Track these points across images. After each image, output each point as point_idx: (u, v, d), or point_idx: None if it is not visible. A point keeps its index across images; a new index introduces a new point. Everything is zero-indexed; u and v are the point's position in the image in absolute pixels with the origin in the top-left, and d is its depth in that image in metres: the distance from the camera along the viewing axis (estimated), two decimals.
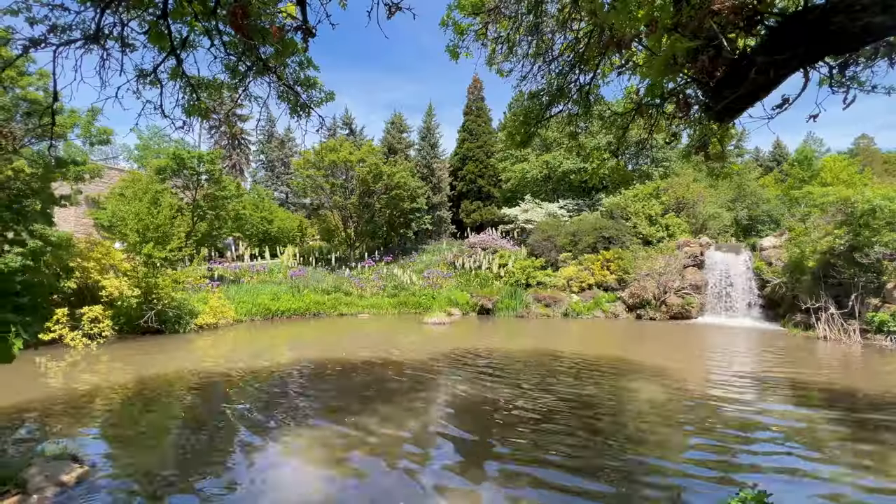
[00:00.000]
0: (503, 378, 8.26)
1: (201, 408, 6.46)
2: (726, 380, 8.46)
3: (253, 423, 5.85)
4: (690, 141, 4.99)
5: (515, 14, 5.64)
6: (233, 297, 16.16)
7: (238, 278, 19.25)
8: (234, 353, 10.57)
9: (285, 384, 7.74)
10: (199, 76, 5.15)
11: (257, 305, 16.13)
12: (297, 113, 5.69)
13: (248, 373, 8.44)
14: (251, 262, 22.44)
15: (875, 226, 13.00)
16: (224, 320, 14.08)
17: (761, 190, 27.46)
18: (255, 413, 6.24)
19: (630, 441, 5.30)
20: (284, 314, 16.56)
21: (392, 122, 40.86)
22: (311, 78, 5.54)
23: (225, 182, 18.72)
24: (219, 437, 5.31)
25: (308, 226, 36.93)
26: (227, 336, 12.78)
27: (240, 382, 7.80)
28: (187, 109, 5.13)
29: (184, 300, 13.29)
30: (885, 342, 12.14)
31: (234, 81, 5.08)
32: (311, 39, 3.61)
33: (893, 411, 6.60)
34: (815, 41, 2.06)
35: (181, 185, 19.07)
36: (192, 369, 8.67)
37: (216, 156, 18.35)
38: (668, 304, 18.15)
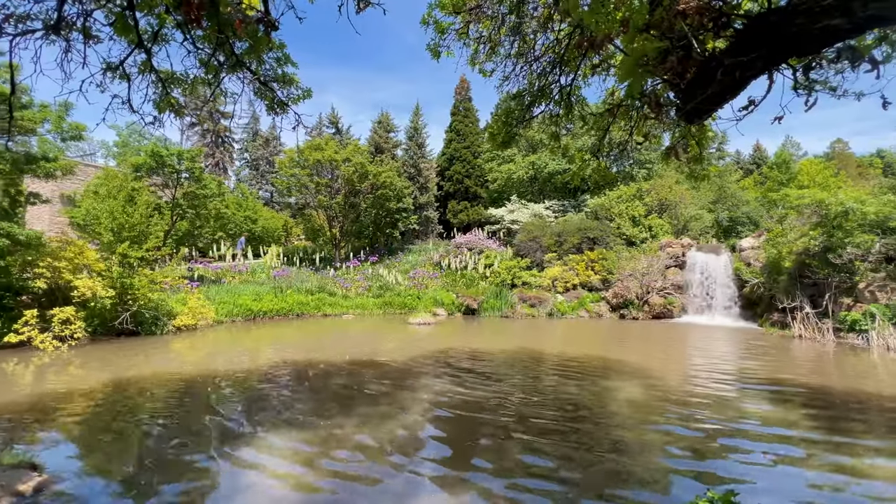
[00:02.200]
0: (486, 379, 8.25)
1: (175, 412, 6.29)
2: (705, 379, 8.60)
3: (227, 427, 5.72)
4: (672, 142, 5.05)
5: (497, 14, 5.63)
6: (213, 297, 15.84)
7: (219, 278, 18.89)
8: (213, 355, 10.35)
9: (263, 386, 7.60)
10: (172, 71, 5.02)
11: (238, 306, 15.84)
12: (274, 110, 5.59)
13: (227, 375, 8.26)
14: (233, 263, 22.05)
15: (848, 227, 13.39)
16: (203, 321, 13.79)
17: (741, 192, 28.09)
18: (230, 417, 6.10)
19: (611, 441, 5.33)
20: (267, 315, 16.30)
21: (379, 122, 40.66)
22: (289, 74, 5.45)
23: (206, 180, 18.34)
24: (192, 443, 5.17)
25: (293, 225, 36.51)
26: (207, 337, 12.52)
27: (217, 385, 7.63)
28: (158, 105, 4.99)
29: (161, 301, 12.98)
30: (856, 341, 12.51)
31: (207, 77, 4.96)
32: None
33: (864, 409, 6.78)
34: (777, 43, 2.08)
35: (160, 183, 18.62)
36: (167, 372, 8.46)
37: (197, 153, 17.97)
38: (650, 303, 18.41)
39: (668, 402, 6.95)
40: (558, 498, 4.01)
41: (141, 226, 12.20)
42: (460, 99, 37.69)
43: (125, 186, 13.46)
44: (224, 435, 5.41)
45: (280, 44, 5.18)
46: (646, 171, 29.14)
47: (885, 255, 13.40)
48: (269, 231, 30.67)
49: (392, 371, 8.72)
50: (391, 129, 41.11)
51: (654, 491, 4.16)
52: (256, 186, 46.25)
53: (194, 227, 20.45)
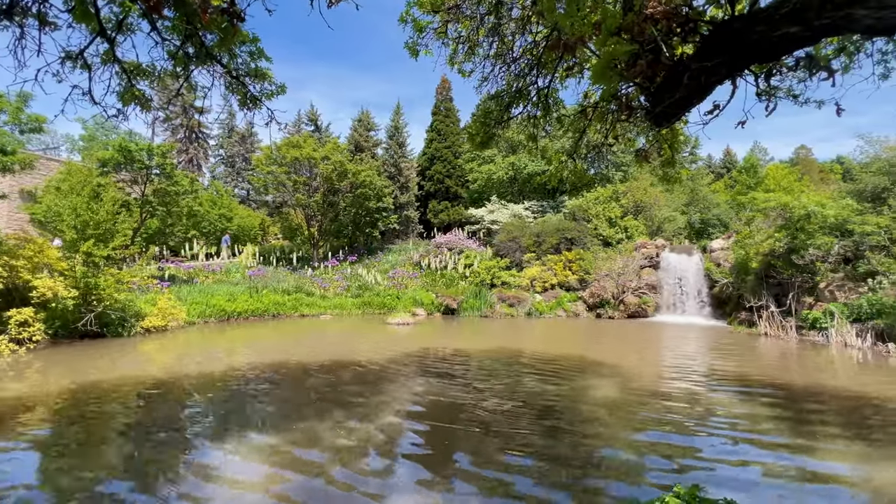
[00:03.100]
0: (464, 379, 8.26)
1: (143, 417, 6.06)
2: (677, 377, 8.84)
3: (198, 432, 5.54)
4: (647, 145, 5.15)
5: (476, 14, 5.64)
6: (185, 297, 15.36)
7: (191, 278, 18.33)
8: (184, 357, 10.02)
9: (236, 389, 7.40)
10: (138, 62, 4.83)
11: (212, 307, 15.40)
12: (246, 105, 5.46)
13: (198, 378, 8.01)
14: (206, 262, 21.43)
15: (809, 230, 14.01)
16: (174, 323, 13.34)
17: (712, 195, 29.06)
18: (201, 421, 5.92)
19: (587, 437, 5.41)
20: (241, 315, 15.90)
21: (359, 120, 40.26)
22: (262, 69, 5.32)
23: (178, 177, 17.76)
24: (157, 450, 4.99)
25: (270, 224, 35.78)
26: (177, 339, 12.11)
27: (188, 388, 7.39)
28: (122, 97, 4.79)
29: (129, 301, 12.50)
30: (817, 338, 13.10)
31: (176, 70, 4.80)
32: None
33: (823, 401, 7.10)
34: (740, 49, 2.14)
35: (129, 179, 17.93)
36: (134, 375, 8.14)
37: (168, 149, 17.38)
38: (626, 303, 18.83)
39: (642, 400, 7.11)
40: (533, 495, 4.04)
41: (107, 223, 11.69)
42: (441, 99, 37.70)
43: (90, 182, 12.88)
44: (194, 440, 5.24)
45: (253, 37, 5.06)
46: (622, 173, 29.80)
47: (844, 257, 14.08)
48: (245, 230, 29.96)
49: (369, 372, 8.63)
50: (372, 127, 40.76)
51: (629, 486, 4.24)
52: (232, 184, 45.09)
53: (165, 226, 19.77)
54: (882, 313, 12.07)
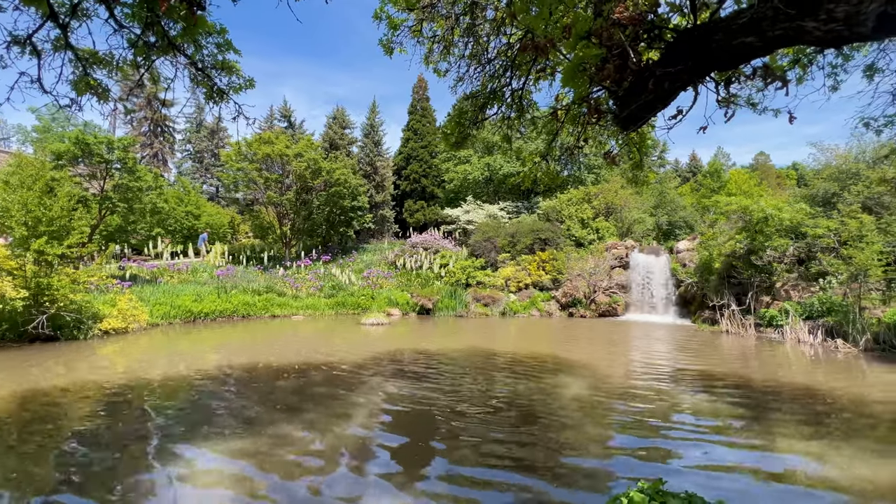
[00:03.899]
0: (438, 379, 8.25)
1: (100, 424, 5.74)
2: (645, 374, 9.12)
3: (161, 439, 5.30)
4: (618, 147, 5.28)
5: (451, 14, 5.63)
6: (147, 298, 14.71)
7: (155, 278, 17.56)
8: (146, 360, 9.58)
9: (202, 393, 7.13)
10: (94, 49, 4.59)
11: (177, 307, 14.81)
12: (213, 98, 5.27)
13: (161, 382, 7.67)
14: (172, 261, 20.59)
15: (767, 232, 14.75)
16: (136, 325, 12.75)
17: (679, 198, 30.17)
18: (164, 427, 5.67)
19: (558, 437, 5.50)
20: (209, 317, 15.37)
21: (334, 118, 39.66)
22: (230, 62, 5.16)
23: (140, 172, 16.96)
24: (114, 459, 4.74)
25: (240, 222, 34.73)
26: (139, 342, 11.58)
27: (148, 393, 7.06)
28: (76, 86, 4.54)
29: (85, 302, 11.86)
30: (773, 335, 13.81)
31: (136, 59, 4.58)
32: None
33: (778, 395, 7.48)
34: (701, 57, 2.22)
35: (87, 173, 17.00)
36: (91, 380, 7.71)
37: (130, 142, 16.57)
38: (597, 302, 19.30)
39: (612, 398, 7.30)
40: (504, 495, 4.07)
41: (61, 220, 11.02)
42: (418, 98, 37.59)
43: (43, 175, 12.12)
44: (155, 447, 5.01)
45: (221, 28, 4.89)
46: (594, 175, 30.53)
47: (798, 258, 14.90)
48: (214, 228, 28.97)
49: (341, 373, 8.50)
50: (347, 125, 40.22)
51: (598, 483, 4.34)
52: (200, 180, 43.54)
53: (127, 223, 18.85)
54: (831, 311, 12.84)
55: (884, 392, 7.78)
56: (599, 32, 2.92)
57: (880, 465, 4.75)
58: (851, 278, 12.40)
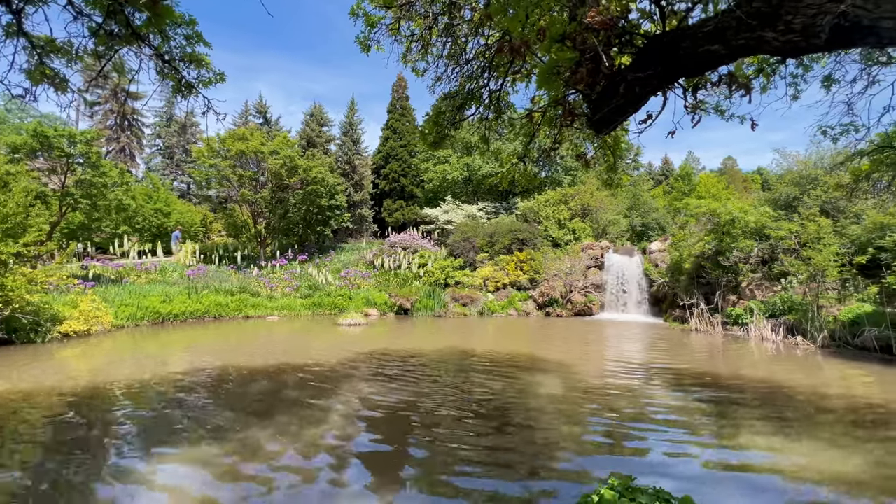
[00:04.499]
0: (416, 380, 8.21)
1: (55, 431, 5.45)
2: (618, 371, 9.34)
3: (120, 446, 5.08)
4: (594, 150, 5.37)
5: (429, 13, 5.61)
6: (112, 299, 14.09)
7: (121, 278, 16.84)
8: (109, 364, 9.17)
9: (167, 399, 6.87)
10: (51, 37, 4.37)
11: (144, 308, 14.24)
12: (181, 92, 5.09)
13: (124, 386, 7.35)
14: (139, 260, 19.79)
15: (734, 234, 15.35)
16: (99, 327, 12.19)
17: (652, 200, 31.04)
18: (127, 435, 5.43)
19: (535, 435, 5.55)
20: (178, 318, 14.84)
21: (312, 115, 39.01)
22: (199, 55, 4.99)
23: (105, 167, 16.23)
24: (72, 469, 4.51)
25: (213, 220, 33.73)
26: (103, 345, 11.07)
27: (111, 398, 6.76)
28: (31, 75, 4.30)
29: (44, 304, 11.26)
30: (739, 332, 14.38)
31: (98, 49, 4.38)
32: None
33: (743, 391, 7.78)
34: (669, 63, 2.28)
35: (46, 168, 16.15)
36: (47, 386, 7.32)
37: (93, 136, 15.83)
38: (573, 301, 19.64)
39: (586, 395, 7.43)
40: (480, 494, 4.08)
41: (17, 216, 10.43)
42: (397, 97, 37.36)
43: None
44: (113, 460, 4.79)
45: (190, 19, 4.73)
46: (571, 177, 31.07)
47: (761, 258, 15.55)
48: (186, 226, 28.02)
49: (317, 375, 8.35)
50: (325, 122, 39.62)
51: (574, 482, 4.40)
52: (170, 176, 42.03)
53: (90, 220, 18.01)
54: (792, 310, 13.46)
55: (839, 387, 8.21)
56: (573, 36, 2.96)
57: (837, 456, 5.01)
58: (810, 278, 13.03)
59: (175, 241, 24.01)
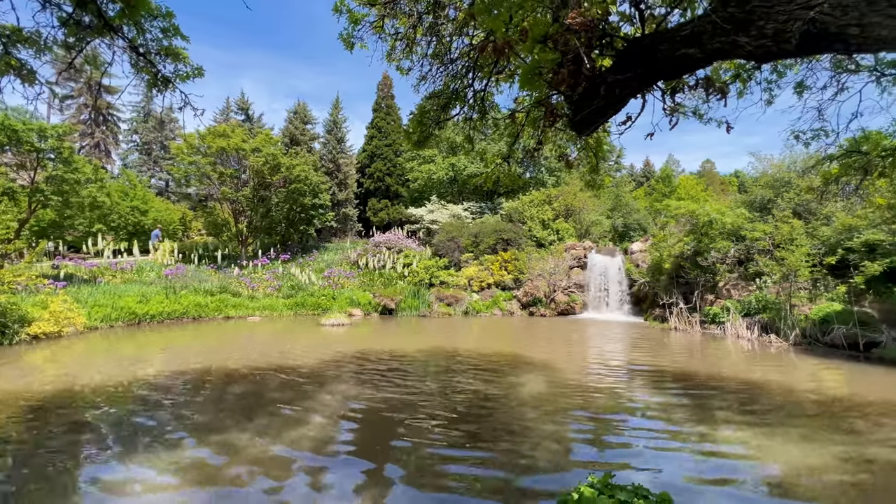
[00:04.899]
0: (400, 381, 8.17)
1: (24, 436, 5.24)
2: (600, 370, 9.47)
3: (93, 451, 4.91)
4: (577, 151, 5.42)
5: (413, 11, 5.58)
6: (85, 300, 13.63)
7: (94, 277, 16.30)
8: (80, 366, 8.86)
9: (143, 402, 6.68)
10: (18, 26, 4.21)
11: (119, 309, 13.81)
12: (156, 86, 4.96)
13: (97, 390, 7.11)
14: (114, 259, 19.19)
15: (712, 235, 15.73)
16: (71, 328, 11.78)
17: (633, 201, 31.58)
18: (100, 440, 5.25)
19: (518, 436, 5.58)
20: (155, 319, 14.44)
21: (295, 112, 38.46)
22: (176, 48, 4.87)
23: (78, 163, 15.68)
24: (42, 475, 4.34)
25: (192, 218, 32.96)
26: (75, 347, 10.69)
27: (83, 402, 6.53)
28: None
29: (11, 304, 10.82)
30: (716, 331, 14.76)
31: (68, 39, 4.23)
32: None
33: (719, 387, 7.99)
34: (648, 65, 2.32)
35: (14, 163, 15.51)
36: (14, 390, 7.03)
37: (66, 130, 15.27)
38: (556, 301, 19.84)
39: (569, 393, 7.51)
40: (463, 493, 4.09)
41: None
42: (383, 96, 37.14)
43: None
44: (89, 460, 4.63)
45: (167, 12, 4.61)
46: (555, 178, 31.39)
47: (738, 259, 15.99)
48: (164, 224, 27.30)
49: (298, 376, 8.23)
50: (309, 120, 39.11)
51: (556, 481, 4.44)
52: (148, 173, 40.88)
53: (62, 218, 17.37)
54: (766, 308, 13.88)
55: (810, 383, 8.51)
56: (555, 37, 2.98)
57: (808, 449, 5.18)
58: (783, 278, 13.46)
59: (155, 240, 23.38)
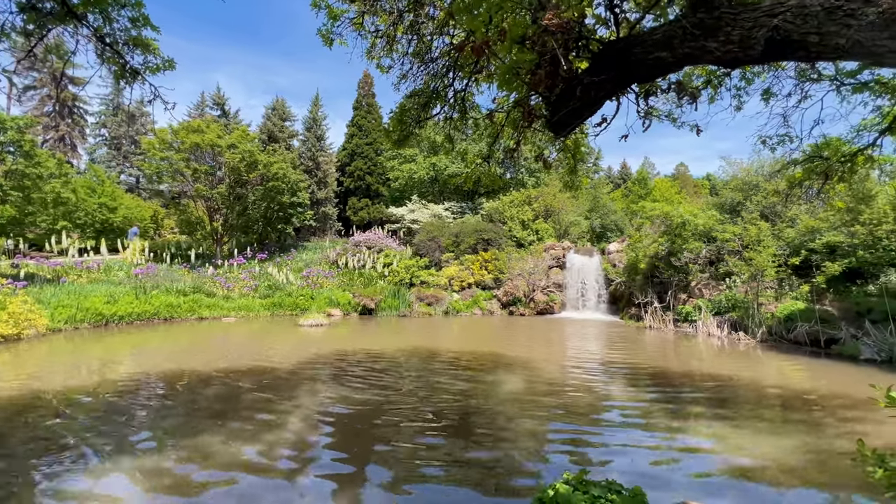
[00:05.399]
0: (379, 381, 8.11)
1: None
2: (577, 368, 9.63)
3: (55, 458, 4.68)
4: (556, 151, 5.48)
5: (394, 9, 5.53)
6: (48, 300, 13.02)
7: (58, 277, 15.58)
8: (41, 370, 8.45)
9: (109, 406, 6.41)
10: None
11: (85, 310, 13.25)
12: (125, 78, 4.79)
13: (60, 394, 6.79)
14: (80, 258, 18.39)
15: (685, 236, 16.21)
16: (32, 330, 11.23)
17: (611, 203, 32.25)
18: (63, 446, 5.02)
19: (498, 433, 5.61)
20: (124, 320, 13.92)
21: (273, 108, 37.72)
22: (146, 39, 4.71)
23: (40, 156, 14.96)
24: (4, 484, 4.12)
25: (164, 216, 31.93)
26: (35, 350, 10.19)
27: (44, 407, 6.22)
28: None
29: None
30: (689, 329, 15.22)
31: (27, 26, 4.04)
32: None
33: (691, 383, 8.23)
34: (622, 68, 2.37)
35: None
36: None
37: (27, 122, 14.56)
38: (535, 300, 20.08)
39: (547, 392, 7.61)
40: (442, 492, 4.08)
41: None
42: (364, 94, 36.80)
43: None
44: (49, 473, 4.41)
45: (136, 1, 4.46)
46: (535, 179, 31.75)
47: (709, 259, 16.52)
48: (134, 222, 26.34)
49: (274, 378, 8.07)
50: (287, 117, 38.42)
51: (534, 479, 4.48)
52: (117, 169, 39.37)
53: (23, 214, 16.55)
54: (735, 307, 14.39)
55: (776, 378, 8.87)
56: (533, 38, 3.01)
57: (774, 440, 5.39)
58: (751, 278, 13.98)
59: (133, 237, 22.53)
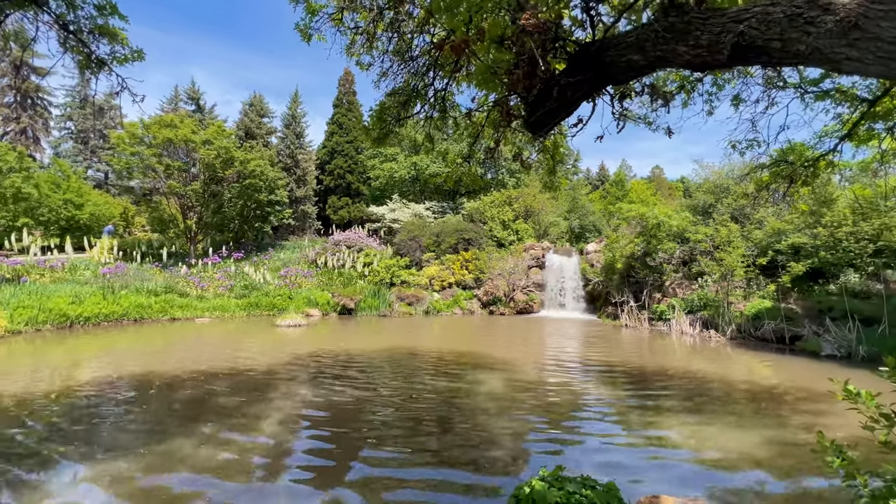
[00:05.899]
0: (355, 382, 8.03)
1: None
2: (555, 366, 9.77)
3: (14, 464, 4.45)
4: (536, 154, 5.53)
5: (374, 6, 5.48)
6: (7, 300, 12.37)
7: (18, 276, 14.83)
8: (1, 374, 8.02)
9: (73, 411, 6.14)
10: None
11: (48, 311, 12.65)
12: (90, 68, 4.60)
13: (20, 399, 6.46)
14: (42, 257, 17.55)
15: (660, 236, 16.65)
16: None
17: (589, 204, 32.83)
18: (23, 451, 4.77)
19: (478, 432, 5.63)
20: (90, 321, 13.36)
21: (251, 104, 36.91)
22: (113, 28, 4.53)
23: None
24: None
25: (135, 213, 30.82)
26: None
27: (1, 415, 5.91)
28: None
29: None
30: (663, 327, 15.63)
31: None
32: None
33: (666, 381, 8.46)
34: (597, 70, 2.41)
35: None
36: None
37: None
38: (515, 300, 20.26)
39: (526, 390, 7.69)
40: (423, 492, 4.07)
41: None
42: (344, 91, 36.36)
43: None
44: (9, 485, 4.19)
45: None
46: (515, 179, 32.04)
47: (682, 259, 17.02)
48: (102, 219, 25.31)
49: (249, 380, 7.89)
50: (266, 113, 37.65)
51: (513, 477, 4.52)
52: (84, 164, 37.77)
53: None
54: (707, 306, 14.86)
55: (744, 373, 9.20)
56: (511, 38, 3.03)
57: (742, 433, 5.59)
58: (722, 277, 14.47)
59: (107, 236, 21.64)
